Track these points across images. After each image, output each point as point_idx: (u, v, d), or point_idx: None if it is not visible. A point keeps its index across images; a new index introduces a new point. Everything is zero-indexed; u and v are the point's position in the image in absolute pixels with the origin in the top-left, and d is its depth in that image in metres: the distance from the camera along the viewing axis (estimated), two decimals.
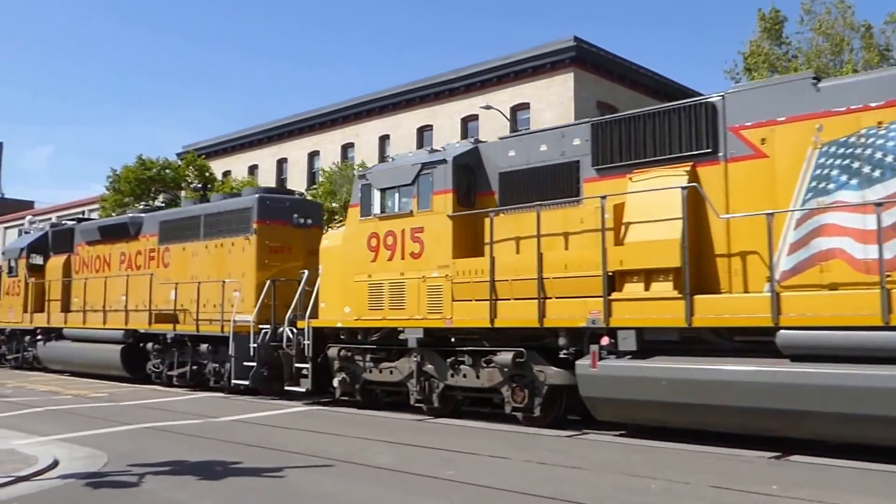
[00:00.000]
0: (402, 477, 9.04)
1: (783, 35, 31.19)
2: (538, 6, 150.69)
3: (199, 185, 42.51)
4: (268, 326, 17.92)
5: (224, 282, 19.23)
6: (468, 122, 40.42)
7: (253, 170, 50.98)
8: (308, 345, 16.15)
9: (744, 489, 8.16)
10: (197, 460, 9.97)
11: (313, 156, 48.15)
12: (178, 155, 50.03)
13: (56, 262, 26.54)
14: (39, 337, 25.99)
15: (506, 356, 12.99)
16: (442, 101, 41.44)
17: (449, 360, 14.06)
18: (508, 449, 10.87)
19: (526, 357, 12.82)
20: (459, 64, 54.47)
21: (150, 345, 21.49)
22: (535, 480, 8.74)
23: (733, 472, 9.22)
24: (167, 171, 42.96)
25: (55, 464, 9.48)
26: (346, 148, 46.00)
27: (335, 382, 15.84)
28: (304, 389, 16.35)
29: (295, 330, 16.78)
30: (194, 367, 20.19)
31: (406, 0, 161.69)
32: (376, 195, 15.30)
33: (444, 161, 14.22)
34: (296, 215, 19.92)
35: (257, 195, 19.94)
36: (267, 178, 48.76)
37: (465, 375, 13.81)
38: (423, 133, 42.50)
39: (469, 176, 14.30)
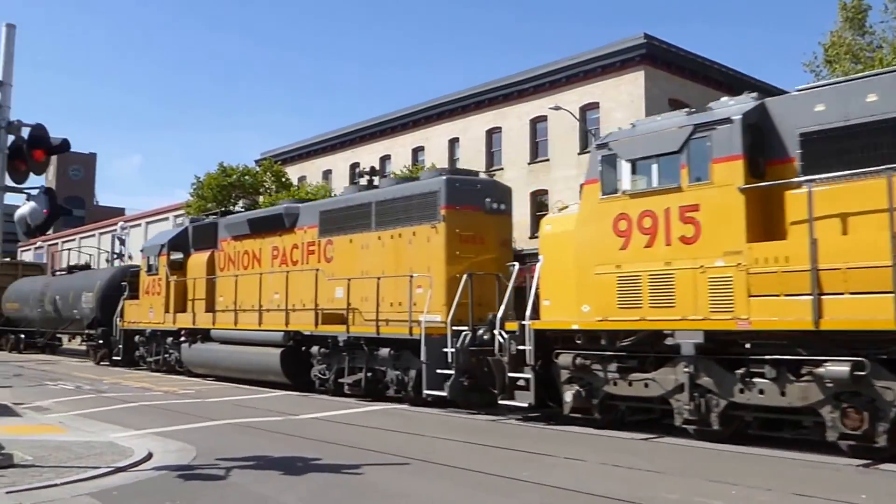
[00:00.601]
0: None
1: (867, 25, 30.08)
2: (606, 6, 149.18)
3: (364, 176, 44.04)
4: (465, 328, 15.43)
5: (411, 276, 16.58)
6: (537, 124, 40.28)
7: (327, 174, 51.80)
8: (529, 351, 13.61)
9: (828, 497, 7.96)
10: (279, 456, 10.32)
11: (385, 160, 48.62)
12: (257, 161, 51.27)
13: (198, 259, 24.68)
14: (183, 338, 24.34)
15: (839, 368, 9.98)
16: (511, 103, 41.37)
17: (738, 371, 11.21)
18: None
19: (868, 369, 9.90)
20: (528, 65, 54.37)
21: (314, 348, 19.26)
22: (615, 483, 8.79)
23: (819, 479, 9.03)
24: (246, 177, 44.10)
25: (149, 456, 9.96)
26: (417, 151, 46.35)
27: (567, 396, 13.20)
28: (525, 404, 13.72)
29: (506, 333, 14.17)
30: (369, 375, 17.74)
31: (474, 3, 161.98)
32: (624, 168, 12.55)
33: (727, 120, 11.43)
34: (488, 199, 17.22)
35: (444, 176, 17.27)
36: (340, 183, 49.36)
37: (761, 391, 10.94)
38: (492, 135, 42.53)
39: (759, 138, 11.46)
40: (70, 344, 44.10)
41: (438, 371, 15.53)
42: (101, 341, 30.65)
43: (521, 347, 13.70)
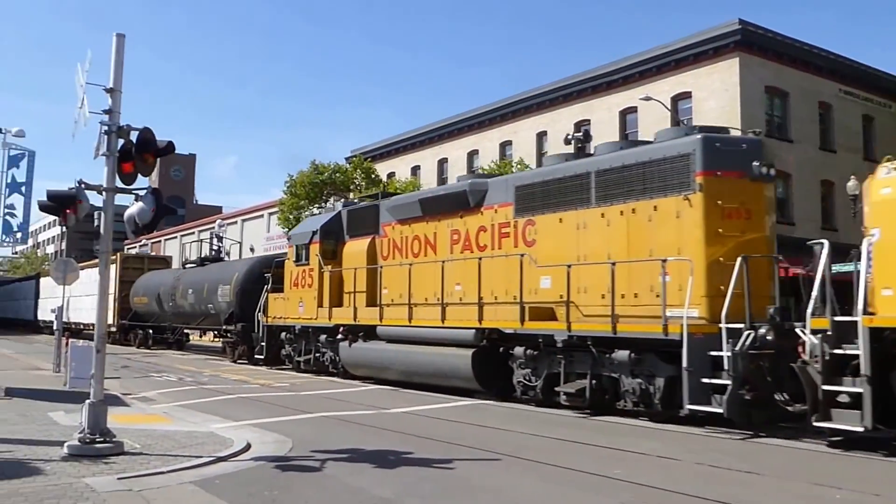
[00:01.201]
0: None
1: None
2: None
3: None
4: (741, 326, 12.16)
5: (664, 261, 13.29)
6: (626, 115, 39.66)
7: (415, 170, 52.25)
8: (863, 356, 10.40)
9: None
10: (372, 449, 10.52)
11: (472, 155, 48.75)
12: (347, 159, 52.13)
13: (356, 247, 21.79)
14: (341, 336, 21.44)
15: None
16: (600, 95, 40.84)
17: None
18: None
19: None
20: (617, 56, 53.56)
21: (518, 349, 15.95)
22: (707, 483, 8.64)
23: None
24: (337, 174, 44.92)
25: (248, 447, 10.30)
26: (504, 146, 46.28)
27: None
28: (859, 428, 10.37)
29: (811, 333, 11.02)
30: (594, 383, 14.48)
31: None
32: None
33: None
34: (756, 163, 13.50)
35: (699, 135, 13.83)
36: (429, 179, 49.86)
37: None
38: (581, 128, 41.91)
39: None
40: (201, 340, 44.67)
41: (703, 380, 12.31)
42: (238, 338, 28.79)
43: (837, 351, 10.80)
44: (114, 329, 40.03)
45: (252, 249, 51.74)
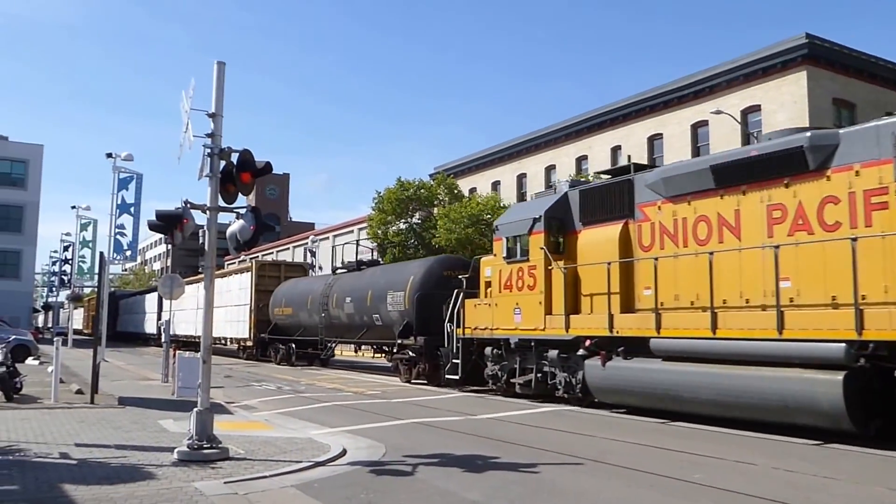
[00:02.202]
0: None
1: None
2: (764, 9, 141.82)
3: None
4: None
5: None
6: (698, 129, 38.97)
7: (496, 186, 52.25)
8: None
9: None
10: (461, 454, 10.47)
11: (550, 169, 48.52)
12: (431, 175, 52.54)
13: (597, 237, 16.50)
14: (583, 352, 16.05)
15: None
16: (671, 110, 40.27)
17: None
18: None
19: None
20: (687, 71, 52.62)
21: None
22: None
23: None
24: (422, 190, 45.28)
25: (343, 452, 10.38)
26: (580, 160, 45.93)
27: None
28: None
29: None
30: None
31: (633, 13, 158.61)
32: None
33: None
34: None
35: None
36: (508, 194, 49.80)
37: None
38: (654, 142, 41.49)
39: None
40: (356, 355, 37.70)
41: None
42: (418, 354, 22.95)
43: None
44: (250, 344, 36.73)
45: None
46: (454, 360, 20.42)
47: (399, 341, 24.00)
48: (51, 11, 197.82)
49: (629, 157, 23.27)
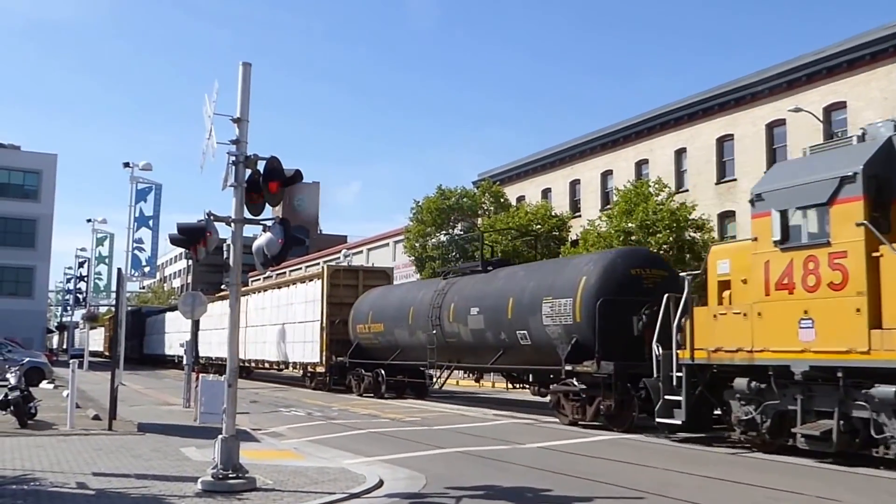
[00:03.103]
0: None
1: None
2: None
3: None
4: None
5: None
6: (773, 128, 38.43)
7: (546, 193, 52.22)
8: None
9: None
10: (509, 485, 10.55)
11: (606, 175, 48.33)
12: (474, 183, 52.68)
13: None
14: None
15: None
16: (743, 108, 39.81)
17: None
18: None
19: None
20: (761, 66, 52.15)
21: None
22: None
23: None
24: (465, 199, 45.43)
25: (380, 483, 10.53)
26: (641, 165, 45.67)
27: None
28: None
29: None
30: None
31: (700, 3, 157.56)
32: None
33: None
34: None
35: None
36: (560, 202, 49.71)
37: None
38: (724, 143, 41.09)
39: None
40: (479, 386, 33.24)
41: None
42: (583, 385, 18.16)
43: None
44: (320, 370, 31.99)
45: None
46: (670, 397, 15.29)
47: (567, 367, 18.31)
48: (61, 11, 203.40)
49: None
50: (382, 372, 28.04)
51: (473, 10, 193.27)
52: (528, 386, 22.78)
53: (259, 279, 79.30)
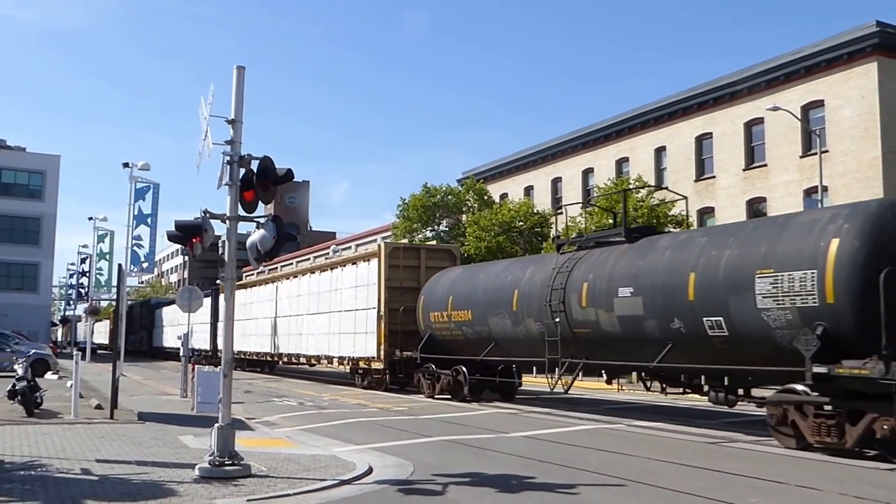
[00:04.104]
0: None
1: None
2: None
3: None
4: None
5: None
6: (752, 127, 38.58)
7: (529, 191, 52.28)
8: None
9: None
10: (494, 473, 10.59)
11: (587, 173, 48.44)
12: (459, 181, 52.74)
13: None
14: None
15: None
16: (722, 107, 39.92)
17: None
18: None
19: None
20: (740, 65, 52.30)
21: None
22: None
23: None
24: (450, 196, 45.53)
25: (370, 471, 10.57)
26: (621, 163, 45.79)
27: None
28: None
29: None
30: None
31: (678, 3, 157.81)
32: None
33: None
34: None
35: None
36: (542, 199, 49.81)
37: None
38: (702, 142, 41.23)
39: None
40: (615, 389, 26.88)
41: None
42: (835, 398, 12.55)
43: None
44: (377, 365, 26.10)
45: None
46: None
47: (820, 369, 12.29)
48: (59, 20, 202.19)
49: None
50: (464, 370, 22.38)
51: (462, 18, 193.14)
52: (690, 390, 16.75)
53: (252, 274, 78.43)
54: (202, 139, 10.78)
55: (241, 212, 10.70)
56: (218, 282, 64.28)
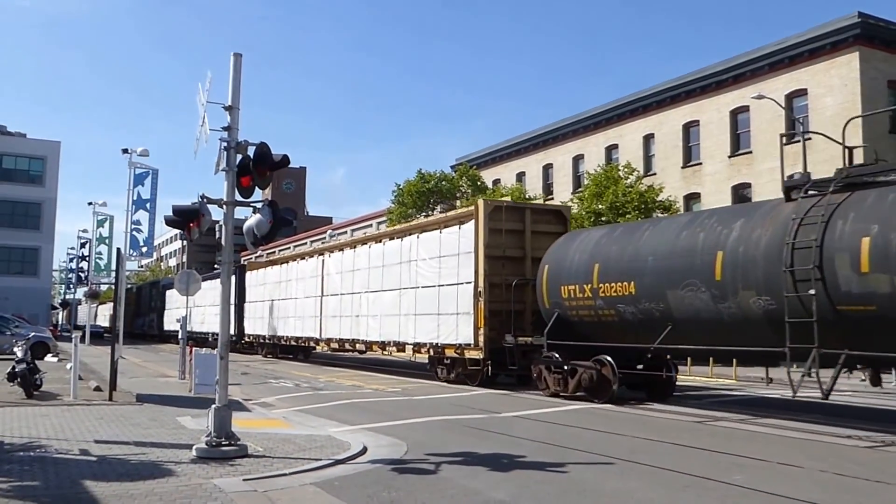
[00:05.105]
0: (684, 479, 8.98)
1: None
2: None
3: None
4: None
5: None
6: (737, 115, 38.61)
7: (520, 177, 52.20)
8: None
9: None
10: (486, 452, 10.56)
11: (578, 160, 48.38)
12: (453, 167, 52.65)
13: None
14: None
15: None
16: (709, 95, 39.93)
17: None
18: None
19: None
20: (726, 55, 52.27)
21: None
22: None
23: None
24: (443, 182, 45.44)
25: (364, 450, 10.52)
26: (610, 150, 45.75)
27: None
28: None
29: None
30: None
31: None
32: None
33: None
34: None
35: None
36: (534, 185, 49.76)
37: None
38: (690, 129, 41.21)
39: None
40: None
41: None
42: None
43: None
44: (474, 354, 20.60)
45: None
46: None
47: None
48: (59, 5, 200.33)
49: None
50: (611, 361, 16.79)
51: (454, 11, 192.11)
52: None
53: (250, 258, 77.63)
54: (199, 125, 10.69)
55: (238, 197, 10.60)
56: (245, 260, 61.57)
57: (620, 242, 17.20)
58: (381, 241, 26.67)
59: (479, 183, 46.83)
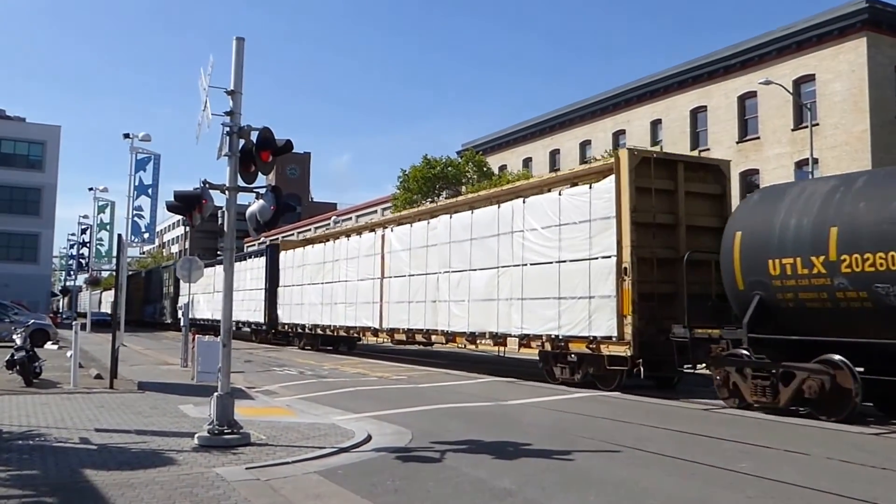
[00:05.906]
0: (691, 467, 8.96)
1: None
2: None
3: None
4: None
5: None
6: (745, 100, 38.46)
7: (527, 162, 52.06)
8: None
9: None
10: (491, 440, 10.55)
11: (585, 145, 48.23)
12: (459, 153, 52.51)
13: None
14: None
15: None
16: (716, 80, 39.77)
17: None
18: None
19: None
20: (734, 40, 51.90)
21: None
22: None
23: None
24: (449, 168, 45.33)
25: (368, 438, 10.51)
26: (618, 135, 45.59)
27: None
28: None
29: None
30: None
31: None
32: None
33: None
34: None
35: None
36: (541, 170, 49.57)
37: None
38: (697, 115, 41.05)
39: None
40: None
41: None
42: None
43: None
44: (616, 350, 16.30)
45: None
46: None
47: None
48: None
49: None
50: (847, 363, 12.26)
51: None
52: None
53: (253, 245, 76.74)
54: (202, 110, 10.62)
55: (241, 182, 10.55)
56: (279, 239, 56.81)
57: (872, 197, 12.37)
58: (467, 209, 22.34)
59: (485, 169, 46.71)
